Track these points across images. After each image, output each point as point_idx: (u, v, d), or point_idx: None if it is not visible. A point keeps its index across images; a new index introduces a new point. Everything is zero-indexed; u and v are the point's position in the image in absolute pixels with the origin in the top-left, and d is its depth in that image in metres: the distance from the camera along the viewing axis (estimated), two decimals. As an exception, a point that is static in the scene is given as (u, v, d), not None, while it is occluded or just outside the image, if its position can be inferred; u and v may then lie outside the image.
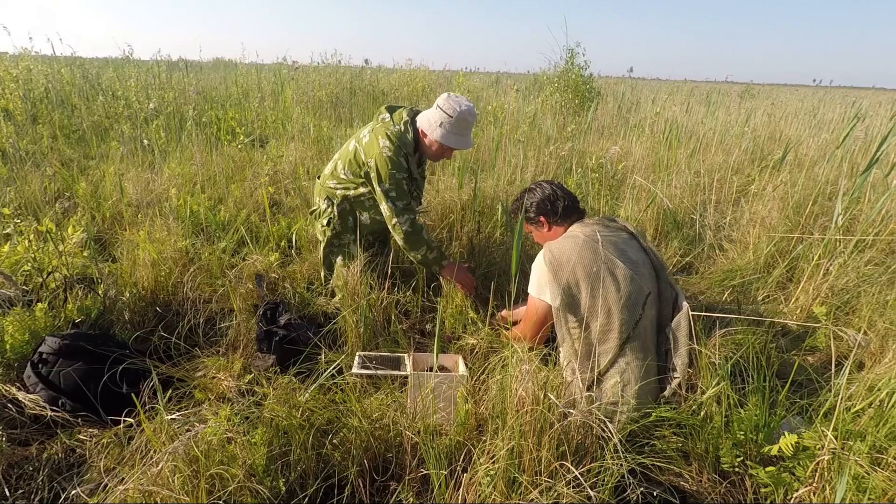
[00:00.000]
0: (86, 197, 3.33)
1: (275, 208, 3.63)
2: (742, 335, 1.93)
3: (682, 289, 2.74)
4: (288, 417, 1.47)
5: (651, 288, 1.71)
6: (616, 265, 1.67)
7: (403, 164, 2.18)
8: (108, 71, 7.03)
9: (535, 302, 1.76)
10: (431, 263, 2.27)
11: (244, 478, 1.35)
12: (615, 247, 1.73)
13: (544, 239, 1.91)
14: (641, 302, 1.67)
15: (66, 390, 1.77)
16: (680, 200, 3.59)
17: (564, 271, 1.66)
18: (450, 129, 2.15)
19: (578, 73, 7.00)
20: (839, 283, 2.43)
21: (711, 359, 1.58)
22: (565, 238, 1.76)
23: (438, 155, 2.26)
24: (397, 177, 2.16)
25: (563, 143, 4.14)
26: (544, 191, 1.90)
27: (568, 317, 1.68)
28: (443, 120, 2.14)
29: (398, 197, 2.18)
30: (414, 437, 1.43)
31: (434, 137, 2.17)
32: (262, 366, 1.93)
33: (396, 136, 2.17)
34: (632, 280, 1.66)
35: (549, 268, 1.68)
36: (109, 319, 2.16)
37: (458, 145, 2.19)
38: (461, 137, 2.19)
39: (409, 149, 2.21)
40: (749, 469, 1.46)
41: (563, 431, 1.34)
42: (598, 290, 1.63)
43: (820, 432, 1.37)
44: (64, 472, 1.58)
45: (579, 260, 1.66)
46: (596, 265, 1.65)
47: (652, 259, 1.79)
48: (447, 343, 2.11)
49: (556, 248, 1.71)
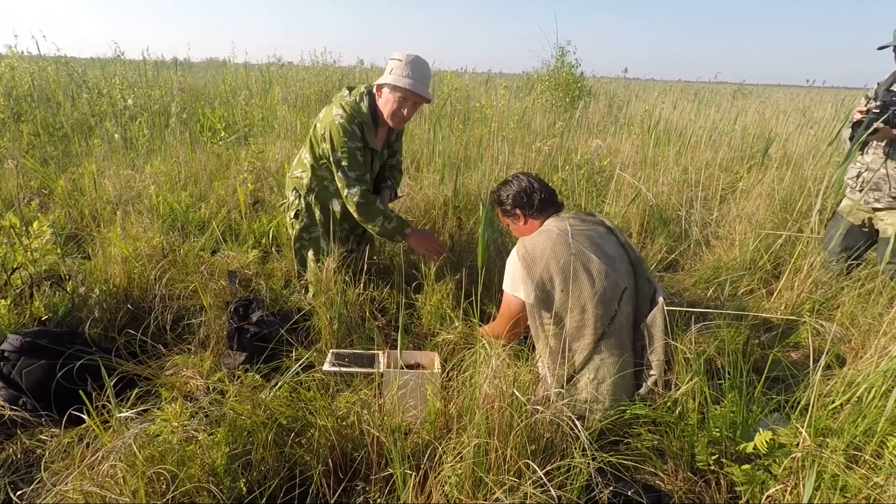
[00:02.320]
0: (63, 194, 3.27)
1: (258, 206, 3.58)
2: (721, 331, 1.89)
3: (664, 286, 2.71)
4: (251, 415, 1.43)
5: (627, 283, 1.67)
6: (591, 260, 1.63)
7: (357, 133, 2.10)
8: (94, 69, 6.97)
9: (508, 298, 1.73)
10: (393, 233, 2.18)
11: (203, 478, 1.30)
12: (590, 241, 1.69)
13: (521, 232, 1.87)
14: (617, 297, 1.63)
15: (28, 388, 1.72)
16: (667, 197, 3.56)
17: (538, 266, 1.62)
18: (401, 73, 2.03)
19: (569, 72, 6.98)
20: (823, 278, 2.41)
21: (686, 354, 1.54)
22: (539, 233, 1.73)
23: (397, 111, 2.09)
24: (349, 145, 2.09)
25: (549, 140, 4.11)
26: (521, 183, 1.85)
27: (542, 313, 1.64)
28: (393, 66, 2.05)
29: (350, 167, 2.11)
30: (379, 435, 1.38)
31: (384, 81, 2.06)
32: (231, 364, 1.88)
33: (350, 105, 2.12)
34: (606, 275, 1.62)
35: (523, 263, 1.64)
36: (78, 317, 2.11)
37: (413, 87, 2.03)
38: (415, 82, 2.04)
39: (365, 118, 2.13)
40: (724, 467, 1.43)
41: (532, 429, 1.30)
42: (572, 286, 1.59)
43: (796, 429, 1.34)
44: (22, 472, 1.53)
45: (553, 255, 1.63)
46: (569, 260, 1.62)
47: (629, 254, 1.76)
48: (423, 340, 2.07)
49: (530, 243, 1.68)
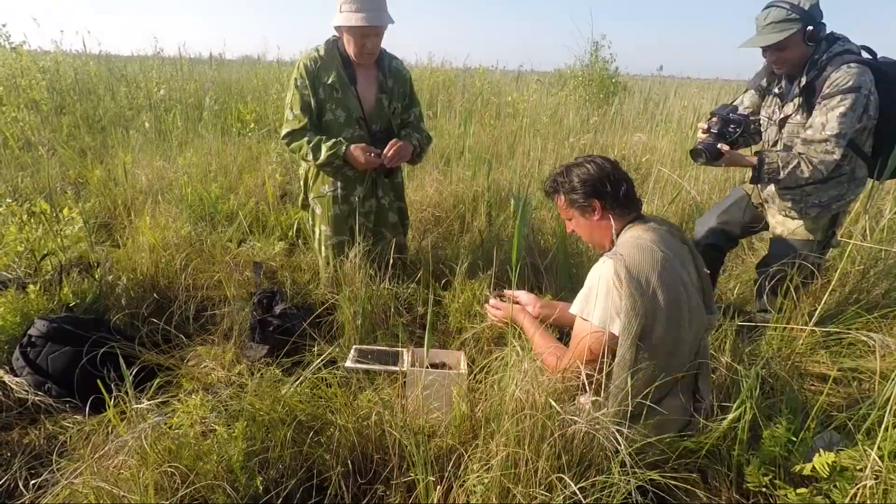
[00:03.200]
0: (98, 184, 3.33)
1: (285, 198, 3.57)
2: (770, 342, 1.75)
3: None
4: (269, 411, 1.38)
5: (707, 321, 1.40)
6: (691, 295, 1.33)
7: (309, 71, 2.02)
8: (134, 65, 7.16)
9: (596, 334, 1.29)
10: (331, 158, 2.01)
11: (219, 474, 1.26)
12: (685, 267, 1.37)
13: (589, 231, 1.47)
14: (699, 337, 1.37)
15: (53, 375, 1.72)
16: (708, 196, 3.38)
17: (644, 296, 1.24)
18: (350, 8, 1.88)
19: (603, 67, 6.77)
20: (877, 289, 2.21)
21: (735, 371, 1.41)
22: (638, 249, 1.31)
23: (361, 50, 1.98)
24: (297, 84, 2.04)
25: (583, 135, 3.97)
26: (601, 167, 1.42)
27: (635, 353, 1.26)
28: (340, 2, 1.91)
29: (290, 104, 2.08)
30: (401, 437, 1.31)
31: (336, 22, 1.95)
32: (253, 356, 1.84)
33: (313, 49, 2.08)
34: (698, 313, 1.34)
35: (628, 291, 1.24)
36: (105, 304, 2.12)
37: (366, 21, 1.87)
38: (367, 13, 1.88)
39: (329, 58, 2.04)
40: (777, 489, 1.30)
41: (567, 440, 1.20)
42: (674, 326, 1.28)
43: (862, 451, 1.20)
44: (43, 458, 1.52)
45: (661, 283, 1.26)
46: (678, 294, 1.29)
47: (703, 280, 1.43)
48: (450, 338, 1.99)
49: (634, 264, 1.27)
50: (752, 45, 1.87)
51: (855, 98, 1.74)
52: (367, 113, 2.10)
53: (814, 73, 1.83)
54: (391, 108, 2.16)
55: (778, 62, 1.89)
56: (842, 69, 1.76)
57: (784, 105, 1.95)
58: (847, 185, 1.95)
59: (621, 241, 1.37)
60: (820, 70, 1.81)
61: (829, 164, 1.80)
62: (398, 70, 2.18)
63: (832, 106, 1.77)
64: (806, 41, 1.81)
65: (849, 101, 1.74)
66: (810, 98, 1.85)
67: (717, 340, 1.82)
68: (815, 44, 1.83)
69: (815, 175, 1.81)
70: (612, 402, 1.26)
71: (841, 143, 1.77)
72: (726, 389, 1.55)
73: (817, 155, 1.79)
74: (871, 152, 1.91)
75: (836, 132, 1.76)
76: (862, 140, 1.89)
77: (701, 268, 1.43)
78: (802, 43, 1.82)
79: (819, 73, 1.81)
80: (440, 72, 8.33)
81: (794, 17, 1.77)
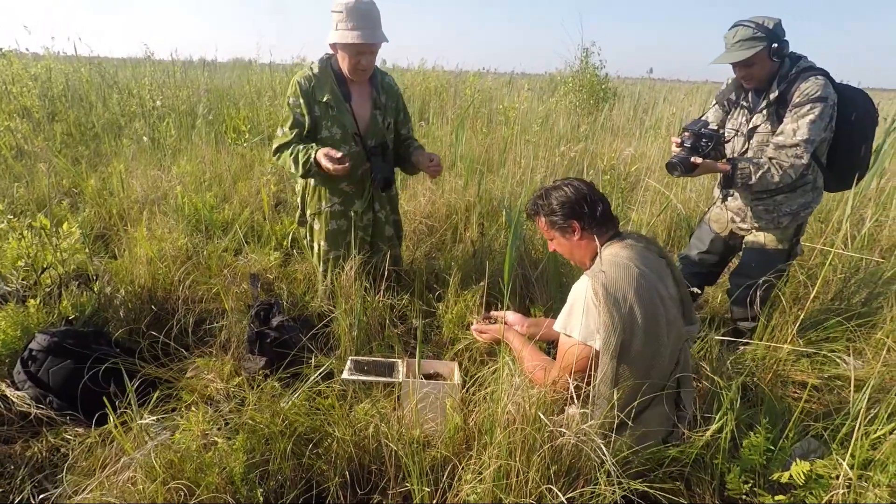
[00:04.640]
0: (93, 194, 3.34)
1: (280, 207, 3.60)
2: (752, 354, 1.82)
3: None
4: (269, 424, 1.42)
5: (686, 333, 1.47)
6: (669, 309, 1.39)
7: (304, 89, 2.06)
8: (125, 70, 7.13)
9: (578, 348, 1.37)
10: (307, 166, 2.02)
11: (220, 486, 1.30)
12: (661, 281, 1.43)
13: (570, 250, 1.55)
14: (678, 350, 1.43)
15: (54, 388, 1.75)
16: (695, 205, 3.46)
17: (621, 312, 1.31)
18: (346, 26, 1.93)
19: (594, 73, 6.87)
20: (857, 297, 2.29)
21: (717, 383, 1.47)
22: (614, 266, 1.38)
23: (355, 67, 2.02)
24: (290, 102, 2.10)
25: (574, 144, 4.03)
26: (578, 190, 1.50)
27: (615, 366, 1.34)
28: (336, 20, 1.96)
29: (282, 122, 2.15)
30: (397, 448, 1.36)
31: (331, 39, 1.99)
32: (251, 368, 1.88)
33: (307, 66, 2.14)
34: (676, 327, 1.40)
35: (606, 308, 1.30)
36: (104, 317, 2.14)
37: (361, 39, 1.92)
38: (362, 31, 1.92)
39: (323, 76, 2.08)
40: (756, 496, 1.36)
41: (556, 451, 1.25)
42: (653, 340, 1.34)
43: (835, 460, 1.27)
44: (46, 471, 1.55)
45: (637, 299, 1.33)
46: (654, 308, 1.35)
47: (682, 293, 1.50)
48: (443, 349, 2.04)
49: (611, 282, 1.33)
50: (721, 62, 1.97)
51: (823, 107, 1.85)
52: (362, 129, 2.15)
53: (784, 85, 1.93)
54: (385, 124, 2.22)
55: (746, 77, 1.99)
56: (810, 80, 1.87)
57: (752, 117, 2.05)
58: (811, 194, 2.06)
59: (600, 258, 1.44)
60: (790, 83, 1.92)
61: (797, 168, 1.90)
62: (390, 86, 2.24)
63: (803, 113, 1.87)
64: (771, 57, 1.91)
65: (818, 109, 1.85)
66: (780, 109, 1.95)
67: (701, 350, 1.89)
68: (781, 59, 1.93)
69: (785, 179, 1.91)
70: (597, 414, 1.32)
71: (809, 148, 1.88)
72: (710, 400, 1.61)
73: (787, 159, 1.89)
74: (826, 163, 2.04)
75: (806, 137, 1.86)
76: (822, 151, 2.00)
77: (680, 280, 1.50)
78: (768, 59, 1.91)
79: (789, 86, 1.92)
80: (432, 75, 8.39)
81: (760, 35, 1.87)
